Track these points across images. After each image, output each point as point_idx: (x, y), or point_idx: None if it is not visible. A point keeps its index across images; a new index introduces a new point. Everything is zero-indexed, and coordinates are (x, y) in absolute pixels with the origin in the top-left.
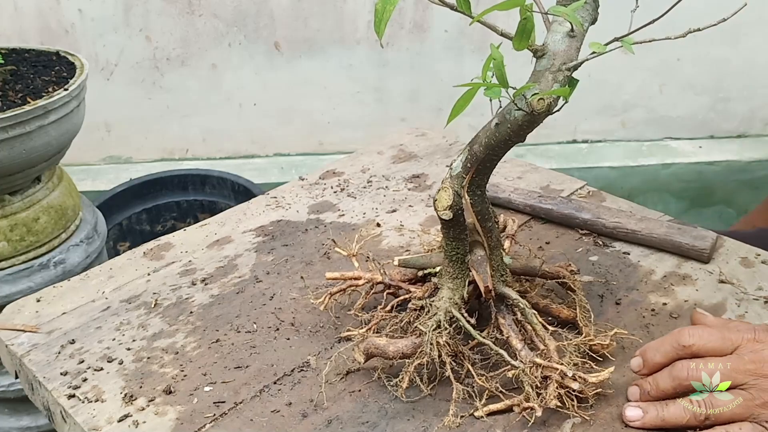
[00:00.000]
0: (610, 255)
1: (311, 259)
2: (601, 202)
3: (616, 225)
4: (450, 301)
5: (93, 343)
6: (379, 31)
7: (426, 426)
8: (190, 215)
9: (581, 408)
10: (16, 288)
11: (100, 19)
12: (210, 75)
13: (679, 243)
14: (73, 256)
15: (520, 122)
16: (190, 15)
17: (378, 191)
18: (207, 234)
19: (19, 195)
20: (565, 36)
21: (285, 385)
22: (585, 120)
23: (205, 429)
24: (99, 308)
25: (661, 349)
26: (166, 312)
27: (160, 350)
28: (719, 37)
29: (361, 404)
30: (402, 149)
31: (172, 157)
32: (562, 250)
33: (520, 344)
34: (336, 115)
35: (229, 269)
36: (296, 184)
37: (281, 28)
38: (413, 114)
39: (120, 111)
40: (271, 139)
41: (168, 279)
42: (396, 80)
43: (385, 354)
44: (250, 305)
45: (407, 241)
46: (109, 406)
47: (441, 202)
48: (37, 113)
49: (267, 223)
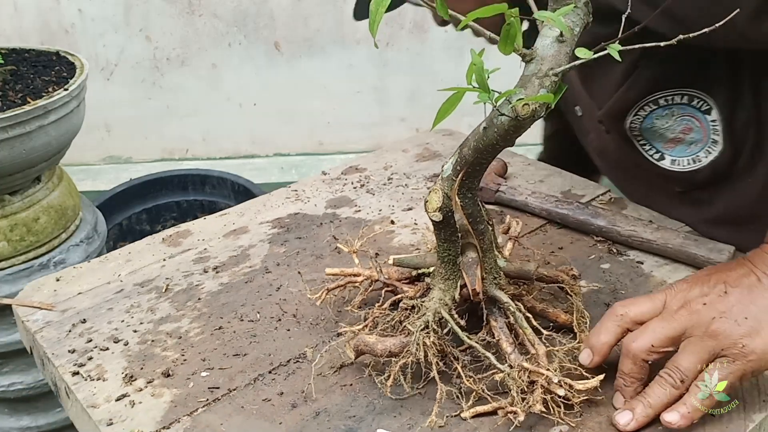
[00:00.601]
0: (622, 263)
1: (322, 253)
2: (622, 210)
3: (632, 233)
4: (440, 302)
5: (102, 323)
6: (373, 31)
7: (411, 424)
8: (190, 215)
9: (568, 415)
10: (16, 288)
11: (100, 19)
12: (210, 75)
13: (694, 255)
14: (73, 256)
15: (506, 127)
16: (190, 15)
17: (397, 189)
18: (225, 223)
19: (19, 195)
20: (554, 41)
21: (279, 375)
22: None
23: (197, 413)
24: (113, 290)
25: (602, 330)
26: (176, 297)
27: (164, 334)
28: None
29: (350, 398)
30: (427, 148)
31: (172, 157)
32: (574, 255)
33: (510, 347)
34: (336, 115)
35: (242, 259)
36: (318, 178)
37: (281, 28)
38: (413, 114)
39: (120, 111)
40: (271, 139)
41: (182, 265)
42: (396, 80)
43: (373, 351)
44: (257, 295)
45: (419, 240)
46: (109, 385)
47: (431, 204)
48: (37, 113)
49: (284, 216)
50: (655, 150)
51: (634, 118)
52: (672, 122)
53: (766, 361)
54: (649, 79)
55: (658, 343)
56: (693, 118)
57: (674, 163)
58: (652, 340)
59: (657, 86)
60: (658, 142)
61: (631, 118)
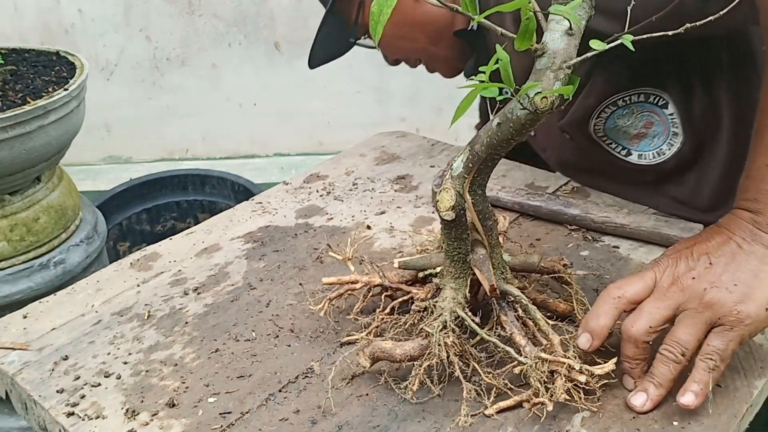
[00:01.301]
0: (600, 249)
1: (304, 264)
2: (587, 198)
3: (605, 219)
4: (454, 301)
5: (87, 358)
6: (376, 33)
7: (438, 427)
8: (190, 215)
9: (589, 400)
10: (16, 288)
11: (100, 19)
12: (210, 75)
13: (667, 235)
14: (73, 256)
15: (523, 121)
16: (190, 15)
17: (365, 193)
18: (194, 242)
19: (19, 195)
20: (563, 34)
21: (291, 393)
22: None
23: None
24: (90, 322)
25: (600, 313)
26: (161, 323)
27: (158, 363)
28: None
29: (369, 408)
30: (384, 151)
31: (172, 157)
32: (552, 246)
33: (523, 340)
34: (336, 115)
35: (221, 277)
36: (281, 188)
37: (281, 28)
38: (413, 114)
39: (120, 111)
40: (271, 139)
41: (158, 290)
42: (396, 80)
43: (392, 357)
44: (247, 313)
45: (399, 243)
46: (111, 423)
47: (443, 203)
48: (37, 113)
49: (255, 229)
50: (621, 147)
51: (597, 121)
52: (633, 119)
53: (761, 322)
54: (605, 84)
55: (655, 323)
56: (653, 114)
57: (641, 158)
58: (649, 322)
59: (613, 89)
60: (623, 140)
61: (593, 122)
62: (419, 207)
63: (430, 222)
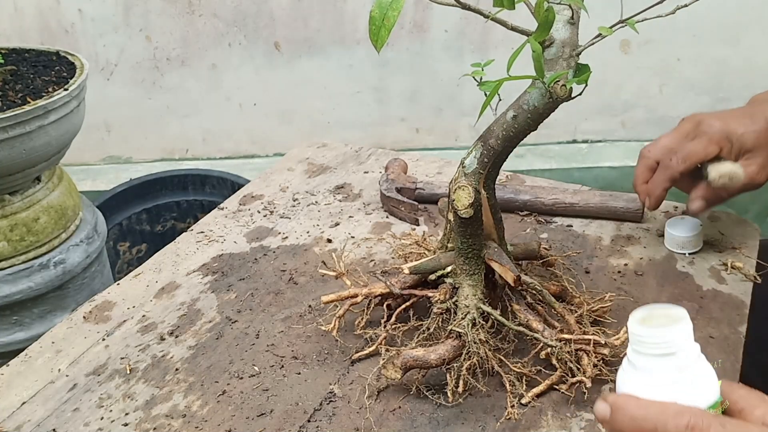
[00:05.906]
0: (556, 230)
1: (278, 288)
2: (523, 183)
3: (555, 201)
4: (475, 298)
5: (78, 427)
6: (379, 39)
7: (483, 425)
8: (190, 215)
9: (613, 371)
10: (16, 288)
11: (100, 19)
12: (210, 75)
13: (614, 208)
14: (73, 256)
15: (541, 110)
16: (190, 15)
17: (309, 208)
18: (147, 284)
19: (19, 195)
20: (566, 24)
21: (322, 421)
22: (585, 120)
23: None
24: (64, 388)
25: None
26: (148, 375)
27: (163, 417)
28: (719, 36)
29: (408, 421)
30: (311, 162)
31: (172, 157)
32: (511, 232)
33: (540, 326)
34: (336, 115)
35: (194, 316)
36: (218, 214)
37: (281, 28)
38: (413, 114)
39: (120, 111)
40: (271, 139)
41: (129, 339)
42: (396, 80)
43: (427, 363)
44: (239, 348)
45: (367, 252)
46: None
47: (461, 202)
48: (37, 113)
49: (208, 261)
50: None
51: None
52: None
53: None
54: None
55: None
56: None
57: None
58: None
59: None
60: None
61: None
62: (371, 214)
63: (387, 227)
